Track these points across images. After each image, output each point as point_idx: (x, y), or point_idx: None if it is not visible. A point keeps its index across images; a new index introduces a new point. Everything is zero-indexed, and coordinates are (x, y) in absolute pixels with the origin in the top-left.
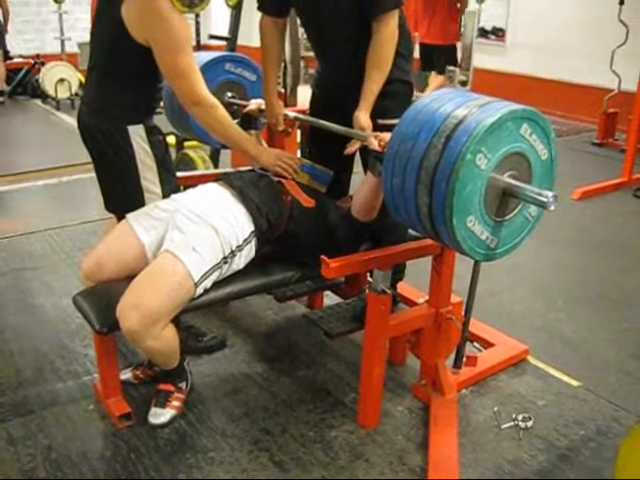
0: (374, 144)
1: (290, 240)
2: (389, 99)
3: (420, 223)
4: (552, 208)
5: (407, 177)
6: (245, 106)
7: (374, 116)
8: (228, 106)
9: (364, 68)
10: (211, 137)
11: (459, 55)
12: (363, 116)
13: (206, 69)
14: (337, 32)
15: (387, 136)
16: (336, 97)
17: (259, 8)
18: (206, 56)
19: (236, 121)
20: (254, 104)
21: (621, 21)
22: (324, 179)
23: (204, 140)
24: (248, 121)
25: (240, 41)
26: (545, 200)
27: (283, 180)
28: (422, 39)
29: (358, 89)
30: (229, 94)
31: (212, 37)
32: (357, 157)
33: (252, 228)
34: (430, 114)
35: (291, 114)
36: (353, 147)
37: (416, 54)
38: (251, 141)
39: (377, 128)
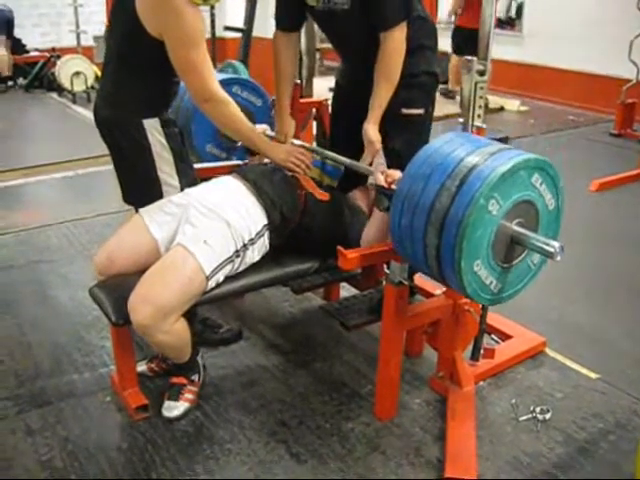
0: (380, 180)
1: (304, 234)
2: (415, 89)
3: (426, 263)
4: (558, 259)
5: (416, 217)
6: None
7: (399, 105)
8: None
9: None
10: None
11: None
12: (372, 129)
13: None
14: (350, 37)
15: (395, 173)
16: (353, 92)
17: (277, 26)
18: None
19: (240, 144)
20: (259, 129)
21: None
22: (335, 174)
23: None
24: None
25: (255, 33)
26: (552, 250)
27: (297, 174)
28: (465, 24)
29: (371, 88)
30: None
31: (227, 28)
32: None
33: (265, 221)
34: (443, 157)
35: (297, 142)
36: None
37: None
38: (262, 137)
39: (401, 117)
